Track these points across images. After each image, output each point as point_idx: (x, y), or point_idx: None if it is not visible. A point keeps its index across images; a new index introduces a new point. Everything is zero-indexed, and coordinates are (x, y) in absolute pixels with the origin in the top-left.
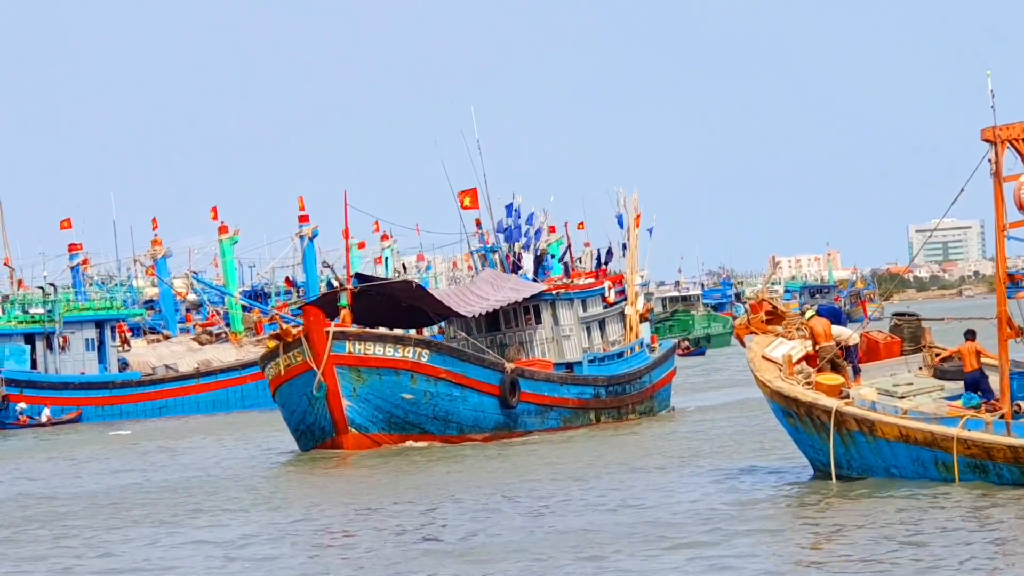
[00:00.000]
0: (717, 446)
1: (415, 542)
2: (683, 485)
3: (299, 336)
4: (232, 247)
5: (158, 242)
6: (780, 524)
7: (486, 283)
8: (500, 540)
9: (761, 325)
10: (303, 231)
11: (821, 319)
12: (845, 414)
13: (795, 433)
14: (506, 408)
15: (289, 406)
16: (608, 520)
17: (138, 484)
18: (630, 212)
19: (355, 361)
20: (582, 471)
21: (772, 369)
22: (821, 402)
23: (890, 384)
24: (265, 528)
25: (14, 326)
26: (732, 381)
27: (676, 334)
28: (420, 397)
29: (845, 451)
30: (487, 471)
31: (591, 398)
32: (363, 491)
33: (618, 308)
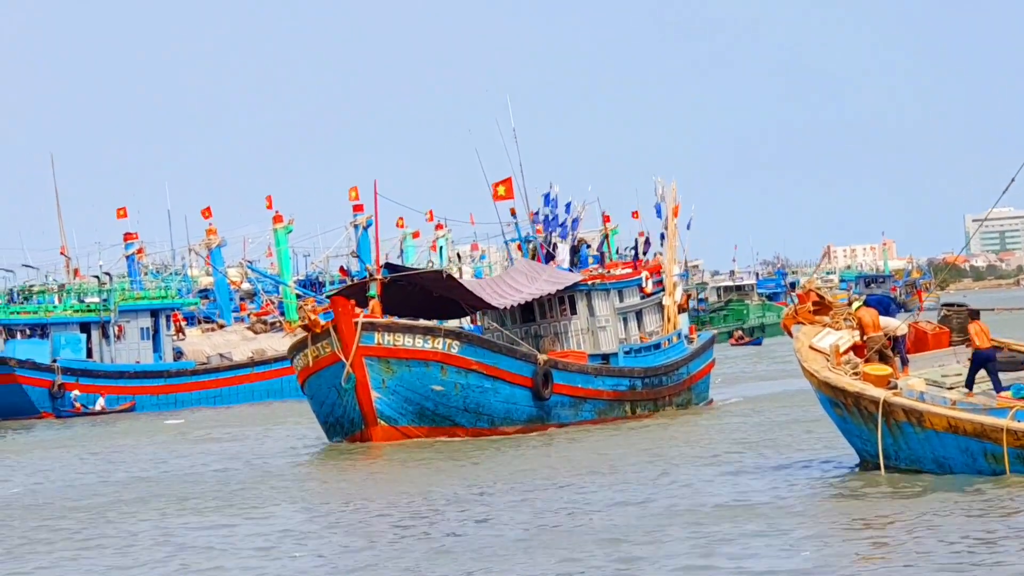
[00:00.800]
0: (760, 437)
1: (441, 536)
2: (723, 476)
3: (327, 327)
4: (287, 236)
5: (213, 231)
6: (827, 515)
7: (520, 274)
8: (531, 536)
9: (808, 315)
10: (357, 220)
11: (869, 309)
12: (893, 404)
13: (842, 424)
14: (539, 400)
15: (318, 398)
16: (644, 513)
17: (160, 476)
18: (668, 202)
19: (384, 352)
20: (617, 463)
21: (819, 359)
22: (869, 392)
23: (939, 375)
24: (284, 525)
25: (70, 315)
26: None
27: (730, 324)
28: (450, 389)
29: (893, 442)
30: (520, 464)
31: (626, 390)
32: (389, 485)
33: (655, 299)
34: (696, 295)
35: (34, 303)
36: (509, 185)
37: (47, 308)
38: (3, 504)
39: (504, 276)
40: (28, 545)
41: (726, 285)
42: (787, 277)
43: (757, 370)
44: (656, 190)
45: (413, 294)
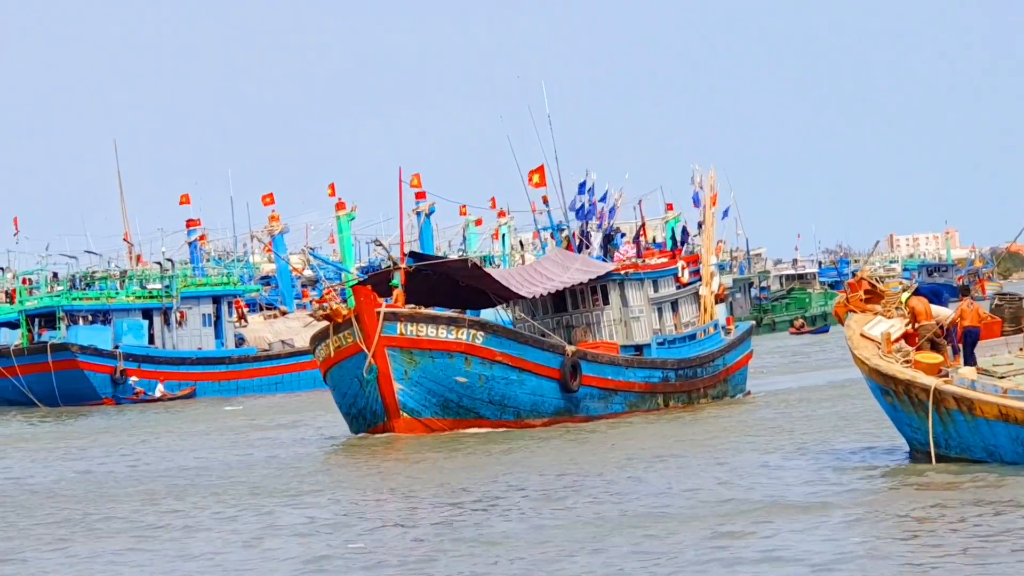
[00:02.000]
0: (803, 427)
1: (468, 528)
2: (769, 467)
3: (349, 317)
4: (349, 223)
5: (275, 218)
6: (876, 504)
7: (552, 263)
8: (560, 530)
9: (860, 303)
10: (420, 207)
11: (921, 298)
12: (944, 392)
13: (892, 412)
14: (567, 392)
15: (340, 389)
16: (682, 505)
17: (176, 468)
18: (706, 190)
19: (407, 343)
20: (652, 455)
21: (870, 347)
22: (920, 380)
23: (990, 364)
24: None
25: (132, 301)
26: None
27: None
28: (475, 381)
29: (943, 430)
30: (548, 456)
31: (659, 382)
32: (415, 477)
33: (692, 289)
34: (758, 283)
35: (96, 289)
36: (542, 173)
37: (109, 294)
38: (44, 488)
39: (536, 265)
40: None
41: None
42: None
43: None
44: (694, 178)
45: (439, 284)
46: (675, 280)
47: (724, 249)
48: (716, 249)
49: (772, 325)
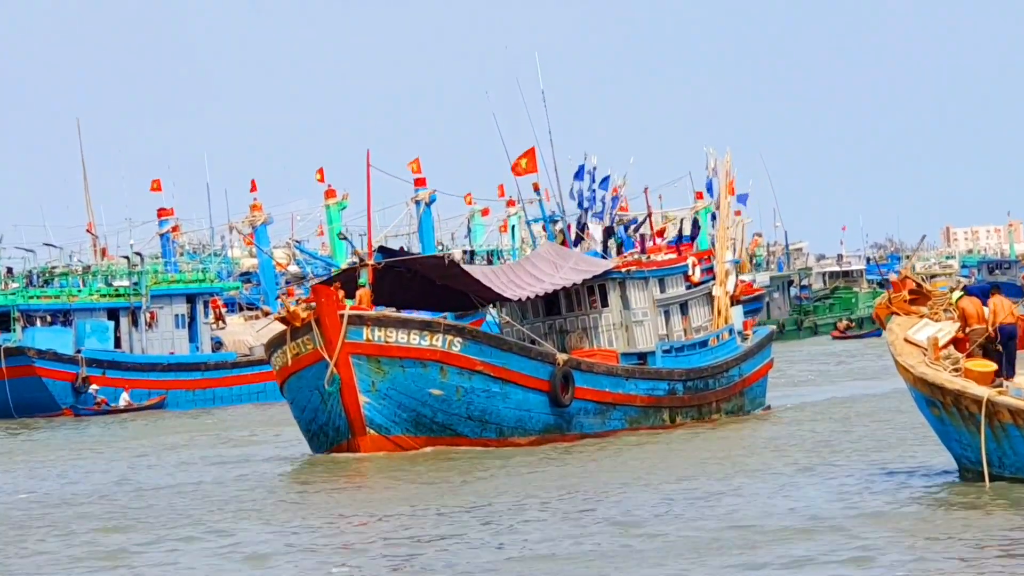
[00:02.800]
0: (836, 445)
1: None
2: (795, 491)
3: (309, 320)
4: (340, 213)
5: (257, 207)
6: (921, 533)
7: (543, 260)
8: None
9: (904, 305)
10: (419, 196)
11: (972, 298)
12: (998, 404)
13: (939, 426)
14: (557, 407)
15: (299, 402)
16: (696, 534)
17: (113, 490)
18: (721, 176)
19: (374, 350)
20: (655, 477)
21: (915, 353)
22: (970, 390)
23: None
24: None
25: (96, 300)
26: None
27: (836, 314)
28: (451, 393)
29: (997, 447)
30: (534, 480)
31: (665, 395)
32: (377, 504)
33: (704, 289)
34: (799, 281)
35: (56, 287)
36: (532, 157)
37: (71, 292)
38: None
39: (524, 263)
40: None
41: (832, 271)
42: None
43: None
44: (707, 163)
45: (413, 283)
46: (685, 279)
47: (761, 243)
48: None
49: (814, 328)
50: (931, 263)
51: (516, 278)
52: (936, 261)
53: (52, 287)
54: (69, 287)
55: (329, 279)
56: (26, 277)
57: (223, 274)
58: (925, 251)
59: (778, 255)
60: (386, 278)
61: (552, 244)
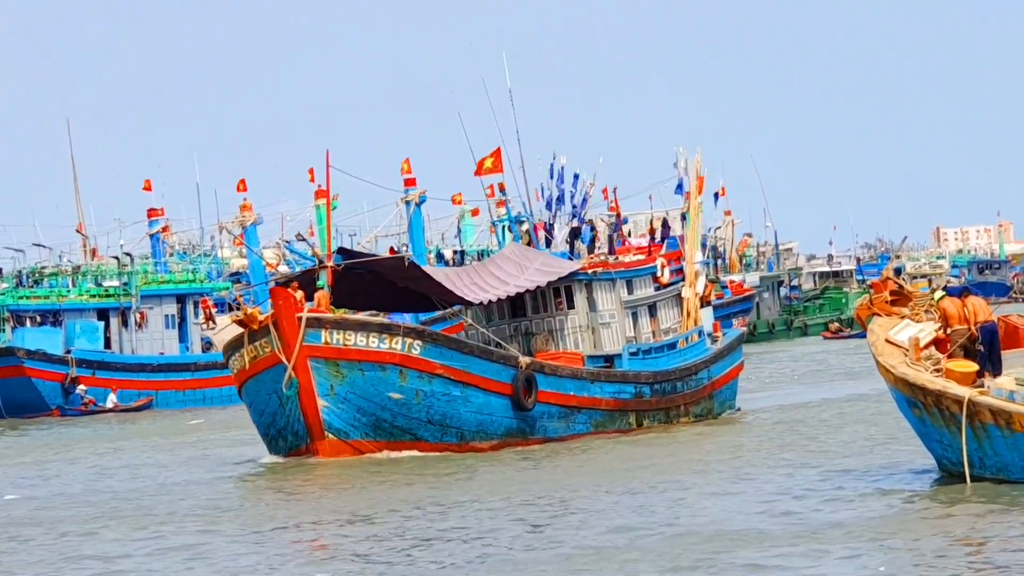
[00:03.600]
0: (815, 447)
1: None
2: (772, 493)
3: (267, 323)
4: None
5: (247, 207)
6: (901, 535)
7: (509, 261)
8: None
9: (885, 306)
10: (409, 196)
11: (953, 299)
12: (979, 404)
13: (920, 426)
14: (520, 410)
15: (257, 406)
16: (661, 537)
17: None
18: (692, 176)
19: (332, 353)
20: (620, 479)
21: (896, 354)
22: (951, 391)
23: None
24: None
25: (86, 300)
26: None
27: (827, 314)
28: (411, 397)
29: (978, 447)
30: (493, 485)
31: (631, 398)
32: (327, 510)
33: (673, 290)
34: (788, 281)
35: (46, 287)
36: (498, 157)
37: (60, 292)
38: None
39: (489, 264)
40: None
41: (822, 271)
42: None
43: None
44: (677, 162)
45: (375, 285)
46: (653, 280)
47: (750, 243)
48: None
49: (804, 328)
50: (921, 263)
51: (480, 280)
52: (926, 261)
53: (42, 287)
54: (59, 287)
55: (288, 281)
56: (16, 277)
57: (213, 274)
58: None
59: (768, 255)
60: (346, 280)
61: (518, 245)
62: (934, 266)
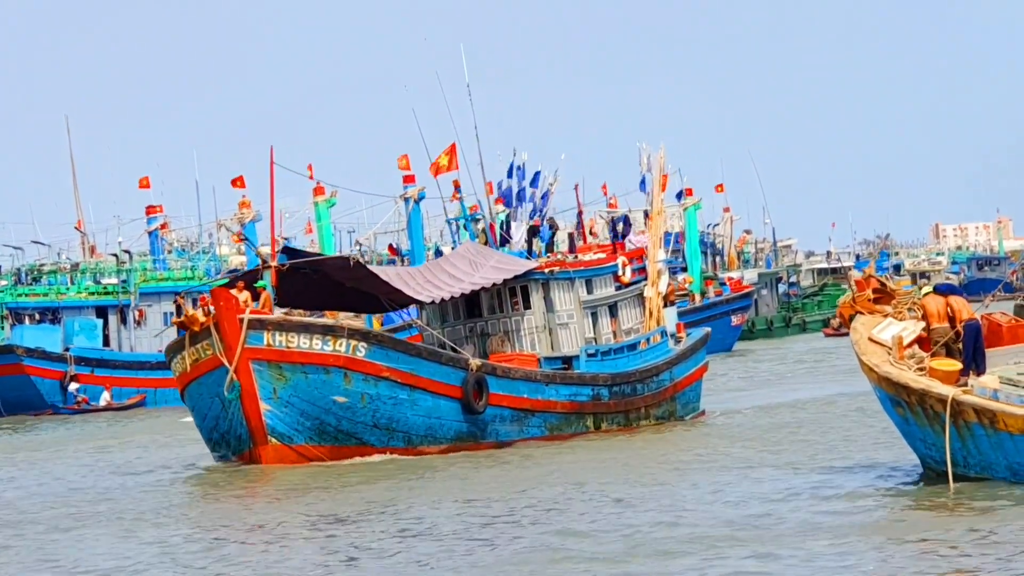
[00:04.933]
0: (792, 447)
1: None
2: (754, 488)
3: (208, 324)
4: (329, 210)
5: (246, 204)
6: (886, 534)
7: (462, 259)
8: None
9: (868, 304)
10: (408, 193)
11: (936, 297)
12: (963, 403)
13: (904, 425)
14: (470, 414)
15: (200, 410)
16: (628, 542)
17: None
18: (655, 173)
19: (275, 356)
20: (581, 485)
21: (880, 353)
22: (935, 390)
23: (1014, 372)
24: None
25: (85, 298)
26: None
27: (825, 311)
28: (356, 400)
29: (962, 446)
30: (440, 492)
31: (588, 400)
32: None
33: (635, 290)
34: (787, 278)
35: (45, 284)
36: (453, 153)
37: (59, 290)
38: None
39: (443, 262)
40: None
41: (821, 268)
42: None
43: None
44: (640, 158)
45: (322, 285)
46: (614, 280)
47: (748, 240)
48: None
49: (802, 325)
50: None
51: (433, 278)
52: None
53: (40, 285)
54: (57, 285)
55: (231, 281)
56: (14, 275)
57: (211, 271)
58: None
59: (766, 252)
60: (292, 280)
61: (473, 243)
62: (933, 263)
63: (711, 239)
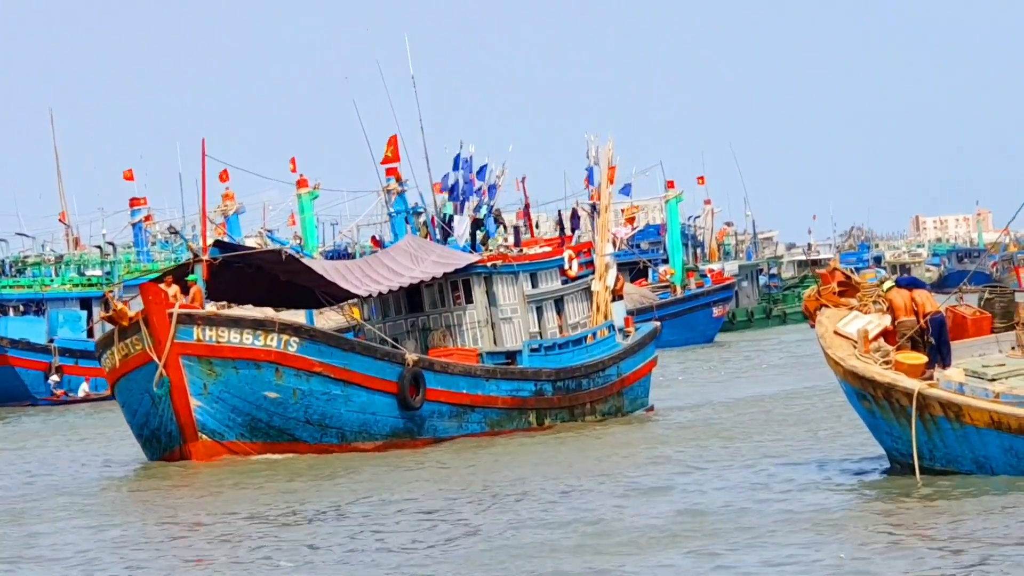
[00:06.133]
0: (747, 441)
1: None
2: (718, 481)
3: (137, 319)
4: (312, 202)
5: (229, 196)
6: (851, 528)
7: (403, 253)
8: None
9: (833, 297)
10: (390, 186)
11: (901, 291)
12: (928, 397)
13: (870, 419)
14: (407, 409)
15: (130, 406)
16: (575, 536)
17: None
18: (603, 165)
19: (205, 351)
20: (519, 477)
21: (845, 346)
22: (901, 383)
23: (979, 365)
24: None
25: (69, 290)
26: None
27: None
28: (287, 396)
29: (928, 440)
30: (361, 490)
31: (531, 396)
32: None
33: (582, 284)
34: (767, 270)
35: (29, 276)
36: (394, 145)
37: (43, 282)
38: None
39: (383, 256)
40: None
41: (801, 259)
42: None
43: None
44: (588, 151)
45: (257, 279)
46: (560, 273)
47: (729, 232)
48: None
49: (783, 317)
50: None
51: (372, 272)
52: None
53: (25, 276)
54: (42, 276)
55: (160, 276)
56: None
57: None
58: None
59: (746, 244)
60: (226, 275)
61: (414, 237)
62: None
63: (692, 231)
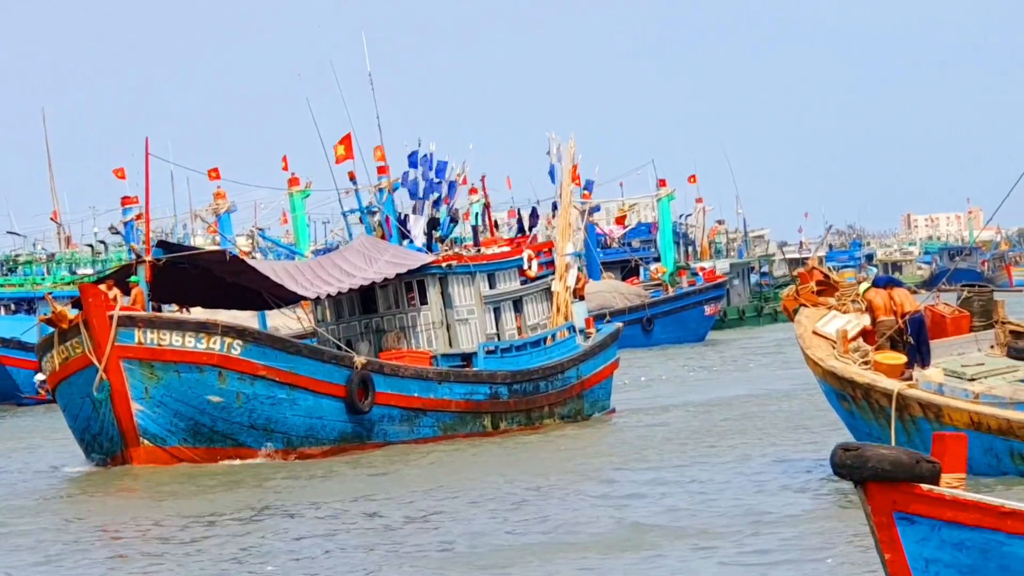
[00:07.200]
0: (723, 442)
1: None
2: (683, 486)
3: (77, 322)
4: (303, 201)
5: (221, 195)
6: (826, 531)
7: (356, 253)
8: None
9: (812, 296)
10: (382, 183)
11: (879, 290)
12: (908, 397)
13: (850, 419)
14: (356, 414)
15: (71, 410)
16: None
17: None
18: (565, 163)
19: (147, 354)
20: (474, 481)
21: (824, 346)
22: (880, 384)
23: (958, 364)
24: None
25: (61, 288)
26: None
27: None
28: (231, 400)
29: (908, 440)
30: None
31: (485, 399)
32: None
33: (541, 284)
34: (759, 268)
35: (20, 275)
36: (348, 143)
37: (35, 280)
38: None
39: (335, 256)
40: None
41: (792, 257)
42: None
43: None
44: (550, 148)
45: (203, 281)
46: (520, 274)
47: (720, 231)
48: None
49: (774, 315)
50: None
51: (323, 273)
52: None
53: (16, 275)
54: (33, 275)
55: (101, 277)
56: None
57: None
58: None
59: (738, 242)
60: (170, 276)
61: (368, 237)
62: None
63: (683, 230)
